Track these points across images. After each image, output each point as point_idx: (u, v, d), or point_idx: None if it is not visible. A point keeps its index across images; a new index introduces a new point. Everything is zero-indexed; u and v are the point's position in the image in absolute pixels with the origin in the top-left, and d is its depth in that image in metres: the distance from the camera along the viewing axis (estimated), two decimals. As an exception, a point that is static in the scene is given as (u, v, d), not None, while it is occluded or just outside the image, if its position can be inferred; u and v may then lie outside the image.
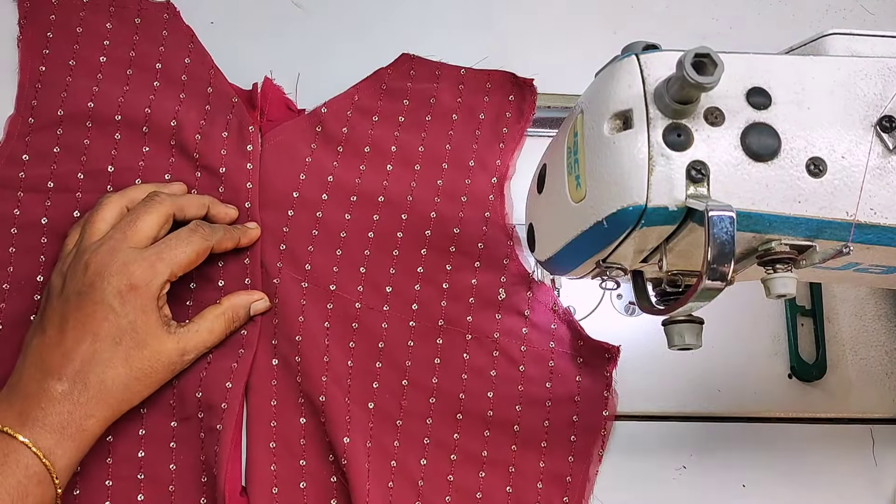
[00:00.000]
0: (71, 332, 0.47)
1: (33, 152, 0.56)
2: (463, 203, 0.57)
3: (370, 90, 0.59)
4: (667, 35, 0.63)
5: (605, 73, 0.39)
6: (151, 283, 0.48)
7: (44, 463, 0.45)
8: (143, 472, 0.51)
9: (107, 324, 0.47)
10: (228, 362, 0.53)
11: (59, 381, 0.46)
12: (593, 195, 0.38)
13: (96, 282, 0.47)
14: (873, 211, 0.36)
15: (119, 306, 0.47)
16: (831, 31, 0.40)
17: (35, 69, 0.58)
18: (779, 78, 0.37)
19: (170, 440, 0.52)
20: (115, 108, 0.57)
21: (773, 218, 0.36)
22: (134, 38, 0.59)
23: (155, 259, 0.49)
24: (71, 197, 0.55)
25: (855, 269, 0.41)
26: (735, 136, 0.36)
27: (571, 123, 0.41)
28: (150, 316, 0.48)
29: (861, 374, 0.58)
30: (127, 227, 0.49)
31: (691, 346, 0.42)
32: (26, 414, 0.45)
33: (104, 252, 0.48)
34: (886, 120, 0.37)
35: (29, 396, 0.46)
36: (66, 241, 0.52)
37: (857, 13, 0.66)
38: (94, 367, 0.47)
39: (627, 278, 0.44)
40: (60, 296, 0.48)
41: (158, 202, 0.51)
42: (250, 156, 0.56)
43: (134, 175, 0.56)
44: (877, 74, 0.38)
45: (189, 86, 0.58)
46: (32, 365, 0.47)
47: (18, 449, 0.44)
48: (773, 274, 0.36)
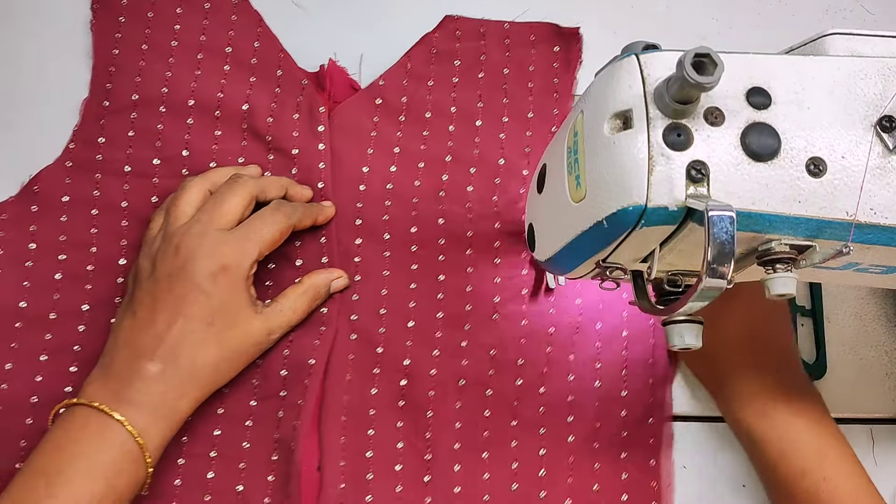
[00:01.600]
0: (162, 313, 0.48)
1: (108, 135, 0.57)
2: (527, 154, 0.58)
3: (421, 56, 0.60)
4: (667, 35, 0.63)
5: (605, 73, 0.39)
6: (241, 263, 0.49)
7: (138, 442, 0.46)
8: (217, 450, 0.52)
9: (198, 305, 0.48)
10: (310, 340, 0.53)
11: (152, 362, 0.47)
12: (593, 195, 0.38)
13: (187, 264, 0.48)
14: (873, 211, 0.36)
15: (210, 288, 0.48)
16: (831, 31, 0.40)
17: (108, 53, 0.58)
18: (779, 78, 0.37)
19: (247, 419, 0.52)
20: (187, 93, 0.58)
21: (773, 218, 0.36)
22: (204, 22, 0.60)
23: (243, 240, 0.50)
24: (148, 182, 0.56)
25: (855, 269, 0.41)
26: (735, 136, 0.36)
27: (571, 123, 0.41)
28: (240, 296, 0.49)
29: (861, 374, 0.58)
30: (214, 210, 0.50)
31: (691, 347, 0.42)
32: (120, 394, 0.46)
33: (194, 234, 0.49)
34: (886, 120, 0.37)
35: (122, 377, 0.47)
36: (150, 226, 0.53)
37: (857, 13, 0.66)
38: (186, 348, 0.47)
39: (628, 278, 0.44)
40: (150, 278, 0.49)
41: (242, 184, 0.52)
42: (322, 136, 0.57)
43: (208, 159, 0.57)
44: (877, 74, 0.38)
45: (259, 69, 0.59)
46: (124, 346, 0.48)
47: (114, 427, 0.45)
48: (773, 274, 0.36)
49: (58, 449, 0.45)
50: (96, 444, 0.45)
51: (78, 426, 0.45)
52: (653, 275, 0.39)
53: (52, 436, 0.46)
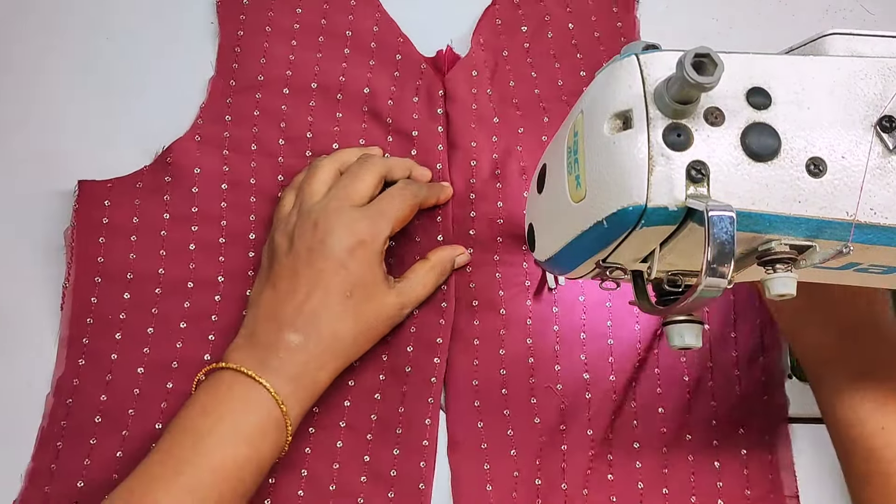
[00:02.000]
0: (303, 287, 0.49)
1: (235, 114, 0.59)
2: None
3: (488, 30, 0.61)
4: (667, 35, 0.63)
5: (605, 73, 0.39)
6: (376, 238, 0.51)
7: (281, 408, 0.47)
8: (346, 421, 0.54)
9: (338, 278, 0.49)
10: (436, 318, 0.55)
11: (295, 333, 0.48)
12: (593, 195, 0.38)
13: (326, 238, 0.50)
14: (873, 211, 0.36)
15: (349, 261, 0.50)
16: (831, 31, 0.40)
17: (233, 33, 0.60)
18: (779, 78, 0.37)
19: (375, 392, 0.54)
20: (311, 76, 0.59)
21: (773, 218, 0.36)
22: (324, 6, 0.61)
23: (377, 216, 0.51)
24: (273, 161, 0.58)
25: (855, 269, 0.41)
26: (735, 136, 0.36)
27: (571, 123, 0.41)
28: (376, 270, 0.51)
29: (861, 374, 0.58)
30: (348, 187, 0.52)
31: (691, 346, 0.42)
32: (265, 362, 0.48)
33: (331, 210, 0.51)
34: (886, 120, 0.37)
35: (267, 346, 0.49)
36: (281, 203, 0.55)
37: (857, 13, 0.66)
38: (327, 319, 0.49)
39: (628, 278, 0.44)
40: (289, 253, 0.50)
41: (373, 163, 0.53)
42: (440, 119, 0.59)
43: (330, 140, 0.58)
44: (877, 74, 0.38)
45: (378, 53, 0.60)
46: (266, 318, 0.50)
47: (259, 393, 0.47)
48: (773, 274, 0.36)
49: (203, 411, 0.47)
50: (242, 409, 0.47)
51: (224, 390, 0.47)
52: (653, 275, 0.39)
53: (198, 398, 0.47)
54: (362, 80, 0.60)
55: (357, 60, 0.60)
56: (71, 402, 0.53)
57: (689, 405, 0.55)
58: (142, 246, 0.56)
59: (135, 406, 0.53)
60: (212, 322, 0.55)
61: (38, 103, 0.60)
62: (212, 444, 0.45)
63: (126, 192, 0.57)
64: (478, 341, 0.55)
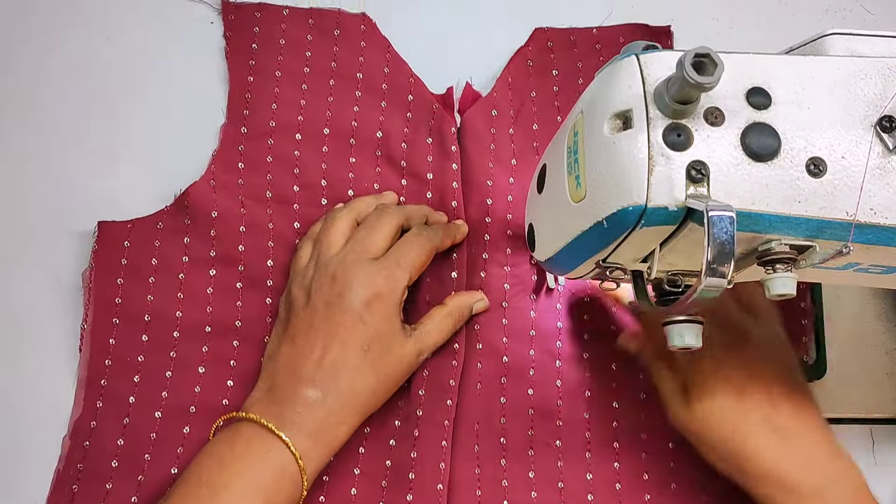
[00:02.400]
0: (321, 341, 0.49)
1: (248, 161, 0.58)
2: None
3: (519, 71, 0.61)
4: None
5: (605, 73, 0.39)
6: (394, 290, 0.50)
7: (299, 464, 0.46)
8: (360, 468, 0.53)
9: (356, 333, 0.49)
10: (448, 360, 0.54)
11: (314, 389, 0.48)
12: (593, 195, 0.38)
13: (344, 292, 0.49)
14: (873, 211, 0.36)
15: (367, 315, 0.49)
16: (831, 31, 0.40)
17: (244, 79, 0.59)
18: (779, 78, 0.37)
19: (390, 438, 0.53)
20: (323, 121, 0.59)
21: (772, 218, 0.36)
22: (334, 49, 0.60)
23: (394, 267, 0.51)
24: (289, 208, 0.57)
25: (855, 269, 0.41)
26: (735, 136, 0.36)
27: (571, 123, 0.41)
28: (394, 322, 0.50)
29: (861, 374, 0.58)
30: (366, 239, 0.51)
31: (691, 347, 0.42)
32: (284, 417, 0.47)
33: (349, 264, 0.50)
34: (886, 120, 0.37)
35: (286, 401, 0.48)
36: (298, 255, 0.54)
37: (857, 13, 0.66)
38: (345, 374, 0.48)
39: (628, 278, 0.44)
40: (307, 307, 0.50)
41: (390, 214, 0.53)
42: (454, 156, 0.58)
43: (345, 186, 0.58)
44: (877, 74, 0.38)
45: (390, 95, 0.60)
46: (285, 372, 0.49)
47: (278, 448, 0.46)
48: (772, 274, 0.36)
49: (221, 463, 0.46)
50: (259, 463, 0.46)
51: (242, 443, 0.47)
52: (653, 275, 0.39)
53: (215, 448, 0.47)
54: (375, 123, 0.59)
55: (369, 103, 0.59)
56: (88, 444, 0.52)
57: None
58: (160, 288, 0.56)
59: (151, 451, 0.53)
60: (230, 367, 0.55)
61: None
62: (227, 499, 0.45)
63: (146, 234, 0.56)
64: (480, 386, 0.54)
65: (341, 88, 0.59)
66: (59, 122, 0.60)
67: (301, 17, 0.61)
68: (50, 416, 0.54)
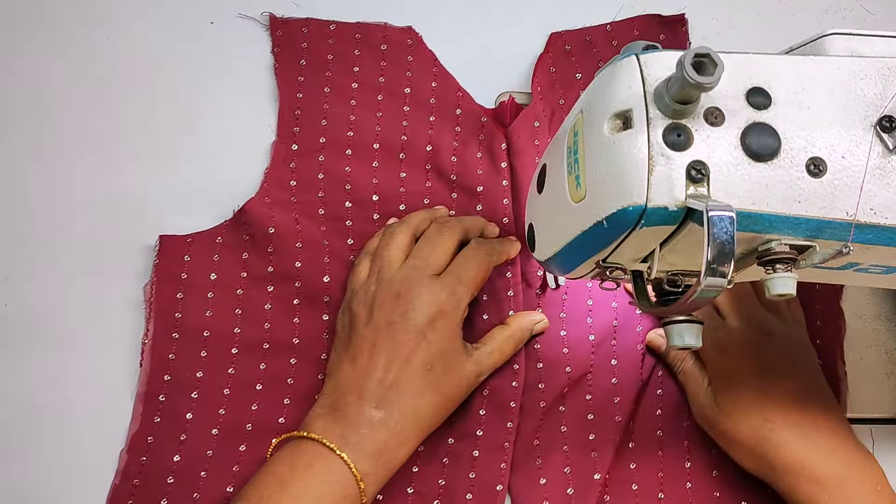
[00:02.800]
0: (383, 360, 0.48)
1: (300, 178, 0.58)
2: None
3: (544, 78, 0.60)
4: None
5: (605, 73, 0.39)
6: (458, 307, 0.50)
7: (359, 486, 0.46)
8: (413, 487, 0.52)
9: (419, 352, 0.49)
10: (508, 381, 0.54)
11: (377, 409, 0.48)
12: (593, 195, 0.38)
13: (408, 311, 0.49)
14: (873, 211, 0.36)
15: (431, 334, 0.49)
16: (831, 31, 0.40)
17: (293, 96, 0.60)
18: (779, 78, 0.37)
19: (444, 456, 0.53)
20: (372, 136, 0.59)
21: (772, 218, 0.36)
22: (381, 63, 0.60)
23: (456, 284, 0.50)
24: (342, 224, 0.57)
25: (855, 269, 0.41)
26: (735, 136, 0.36)
27: (571, 123, 0.41)
28: (456, 341, 0.50)
29: (861, 374, 0.58)
30: (429, 256, 0.51)
31: (691, 346, 0.42)
32: (346, 437, 0.47)
33: (413, 281, 0.50)
34: (886, 120, 0.37)
35: (349, 420, 0.47)
36: (356, 271, 0.54)
37: (857, 13, 0.66)
38: (408, 395, 0.48)
39: (628, 278, 0.44)
40: (369, 325, 0.50)
41: (450, 229, 0.53)
42: (504, 173, 0.58)
43: (397, 201, 0.58)
44: (877, 74, 0.38)
45: (438, 109, 0.60)
46: (348, 391, 0.48)
47: (339, 468, 0.46)
48: (773, 274, 0.36)
49: (281, 483, 0.46)
50: (321, 484, 0.46)
51: (304, 463, 0.46)
52: (653, 275, 0.39)
53: (276, 468, 0.46)
54: (424, 137, 0.59)
55: (417, 117, 0.59)
56: (144, 459, 0.52)
57: None
58: (218, 303, 0.56)
59: (207, 468, 0.52)
60: (287, 385, 0.54)
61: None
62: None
63: (206, 248, 0.57)
64: (543, 405, 0.54)
65: (390, 103, 0.60)
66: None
67: (348, 31, 0.61)
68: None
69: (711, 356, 0.52)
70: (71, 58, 0.62)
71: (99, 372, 0.55)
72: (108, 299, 0.57)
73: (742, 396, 0.50)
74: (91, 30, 0.63)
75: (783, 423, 0.49)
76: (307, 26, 0.61)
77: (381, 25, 0.61)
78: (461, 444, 0.53)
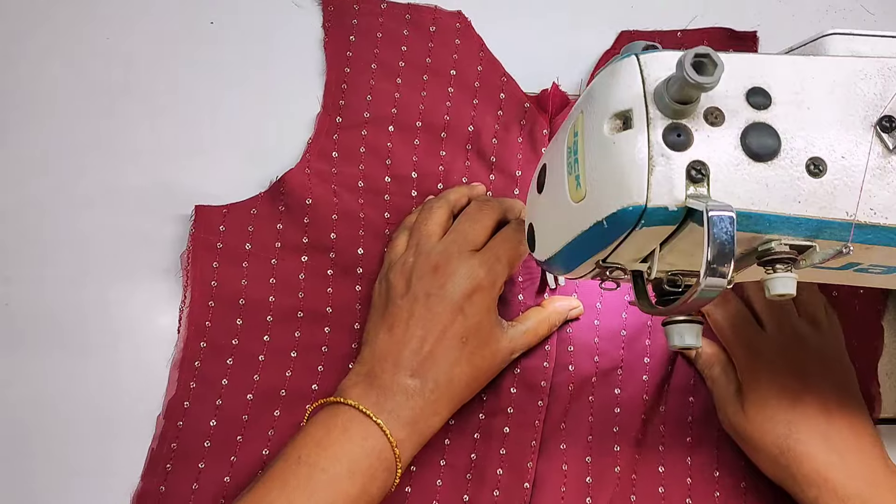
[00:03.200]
0: (419, 330, 0.49)
1: (341, 150, 0.59)
2: None
3: None
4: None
5: (604, 73, 0.39)
6: (495, 283, 0.51)
7: (394, 451, 0.47)
8: (445, 459, 0.53)
9: (456, 324, 0.49)
10: (540, 361, 0.55)
11: (412, 378, 0.49)
12: (593, 195, 0.38)
13: (447, 284, 0.50)
14: (873, 211, 0.36)
15: (467, 308, 0.50)
16: (831, 31, 0.40)
17: (340, 70, 0.61)
18: (779, 78, 0.37)
19: (475, 431, 0.54)
20: (416, 115, 0.60)
21: (772, 218, 0.36)
22: (429, 45, 0.61)
23: (495, 261, 0.51)
24: (380, 198, 0.58)
25: (855, 269, 0.41)
26: (735, 136, 0.36)
27: (571, 123, 0.41)
28: (492, 316, 0.51)
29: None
30: (468, 232, 0.52)
31: (691, 347, 0.42)
32: (381, 404, 0.48)
33: (452, 255, 0.51)
34: (886, 120, 0.37)
35: (384, 388, 0.48)
36: (394, 243, 0.55)
37: (857, 13, 0.66)
38: (443, 365, 0.49)
39: (627, 278, 0.44)
40: (406, 295, 0.51)
41: (491, 207, 0.53)
42: None
43: (435, 179, 0.59)
44: (877, 74, 0.38)
45: (482, 92, 0.60)
46: (383, 359, 0.49)
47: (375, 434, 0.47)
48: (773, 274, 0.36)
49: (318, 445, 0.47)
50: (357, 449, 0.47)
51: (340, 427, 0.47)
52: (653, 275, 0.39)
53: (313, 430, 0.48)
54: (466, 118, 0.60)
55: (461, 99, 0.60)
56: (181, 424, 0.53)
57: None
58: (253, 273, 0.57)
59: (243, 433, 0.53)
60: (321, 353, 0.56)
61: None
62: (325, 481, 0.45)
63: (241, 218, 0.57)
64: (572, 387, 0.55)
65: (435, 84, 0.60)
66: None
67: (399, 11, 0.62)
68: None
69: (744, 363, 0.52)
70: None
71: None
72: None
73: (769, 405, 0.50)
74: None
75: (808, 434, 0.49)
76: (359, 4, 0.62)
77: (432, 8, 0.62)
78: (492, 420, 0.54)
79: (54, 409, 0.54)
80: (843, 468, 0.48)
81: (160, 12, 0.63)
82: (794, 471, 0.48)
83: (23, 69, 0.62)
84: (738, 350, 0.52)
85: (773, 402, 0.50)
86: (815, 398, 0.50)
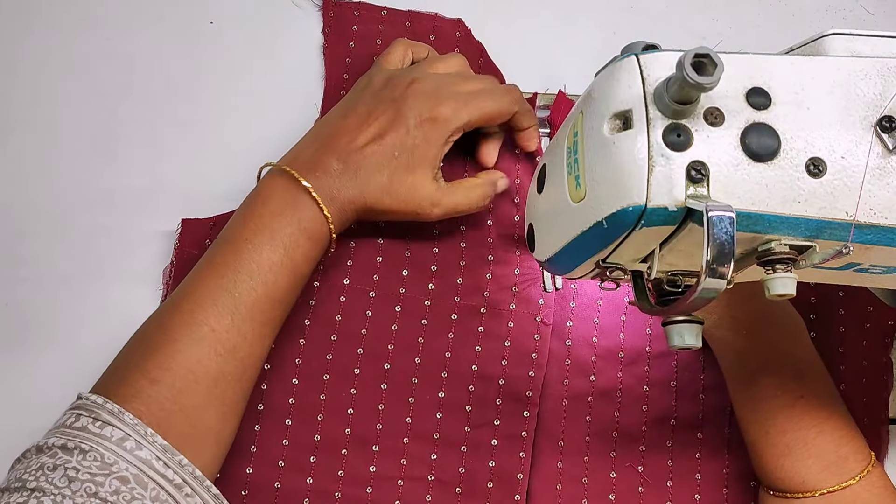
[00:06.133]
0: (367, 128, 0.51)
1: None
2: None
3: None
4: (667, 35, 0.63)
5: (604, 73, 0.39)
6: (450, 122, 0.52)
7: (321, 208, 0.49)
8: (434, 474, 0.53)
9: (396, 135, 0.51)
10: (524, 371, 0.54)
11: (337, 161, 0.51)
12: (593, 195, 0.38)
13: (409, 98, 0.51)
14: (873, 211, 0.36)
15: (413, 128, 0.51)
16: (831, 31, 0.40)
17: (339, 76, 0.60)
18: (779, 78, 0.37)
19: (461, 444, 0.54)
20: None
21: (772, 218, 0.36)
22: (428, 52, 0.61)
23: (463, 104, 0.52)
24: None
25: (855, 270, 0.41)
26: (735, 136, 0.36)
27: (571, 123, 0.41)
28: (431, 150, 0.52)
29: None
30: (464, 82, 0.54)
31: (691, 347, 0.42)
32: (304, 175, 0.50)
33: (431, 80, 0.53)
34: (886, 120, 0.37)
35: (308, 164, 0.51)
36: (391, 53, 0.56)
37: (857, 13, 0.66)
38: (368, 164, 0.51)
39: (627, 278, 0.44)
40: (376, 96, 0.52)
41: (501, 90, 0.55)
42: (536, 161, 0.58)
43: None
44: (877, 74, 0.38)
45: None
46: (317, 139, 0.52)
47: (299, 199, 0.49)
48: (772, 274, 0.36)
49: (244, 218, 0.50)
50: (280, 218, 0.49)
51: (262, 200, 0.50)
52: (653, 275, 0.39)
53: (243, 207, 0.51)
54: None
55: None
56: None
57: None
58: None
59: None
60: (308, 364, 0.55)
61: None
62: (248, 251, 0.48)
63: None
64: (566, 403, 0.55)
65: None
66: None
67: (399, 18, 0.62)
68: None
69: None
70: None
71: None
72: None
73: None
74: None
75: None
76: (359, 10, 0.61)
77: (432, 15, 0.62)
78: (479, 433, 0.54)
79: (54, 409, 0.54)
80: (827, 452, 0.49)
81: (160, 14, 0.63)
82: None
83: (23, 69, 0.62)
84: (742, 315, 0.53)
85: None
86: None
